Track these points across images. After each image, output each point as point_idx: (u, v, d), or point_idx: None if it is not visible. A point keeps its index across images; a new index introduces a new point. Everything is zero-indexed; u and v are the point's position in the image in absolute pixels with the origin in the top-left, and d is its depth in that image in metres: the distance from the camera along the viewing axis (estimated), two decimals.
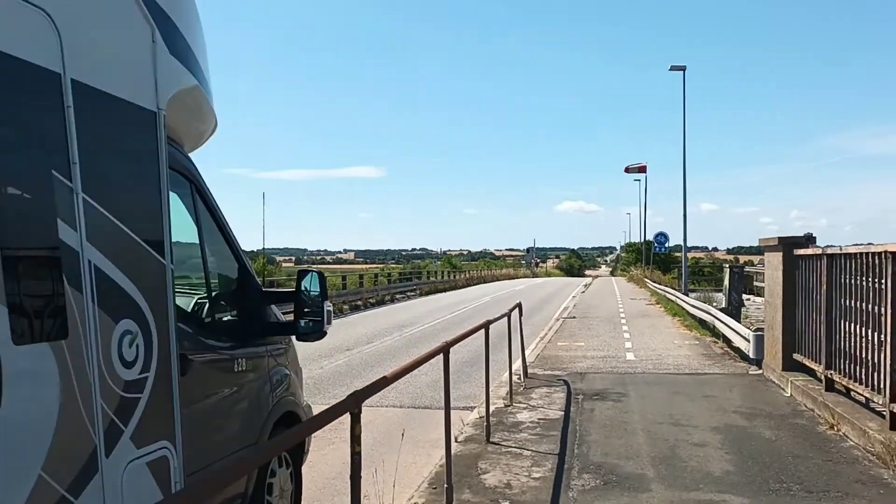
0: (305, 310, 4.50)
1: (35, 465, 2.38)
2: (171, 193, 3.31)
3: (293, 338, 4.88)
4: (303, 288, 4.52)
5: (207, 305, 4.21)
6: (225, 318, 4.48)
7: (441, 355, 5.54)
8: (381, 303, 30.70)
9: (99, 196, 2.73)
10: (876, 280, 7.30)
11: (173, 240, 3.25)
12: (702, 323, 18.45)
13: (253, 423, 4.31)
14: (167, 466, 3.13)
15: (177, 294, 3.34)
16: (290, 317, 4.59)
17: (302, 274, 4.54)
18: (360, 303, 28.39)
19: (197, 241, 4.07)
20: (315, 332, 4.52)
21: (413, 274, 47.58)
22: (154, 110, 3.16)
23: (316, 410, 3.92)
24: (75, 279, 2.58)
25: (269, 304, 4.62)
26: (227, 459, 3.87)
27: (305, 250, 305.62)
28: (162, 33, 3.23)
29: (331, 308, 4.84)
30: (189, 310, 4.16)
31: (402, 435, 7.07)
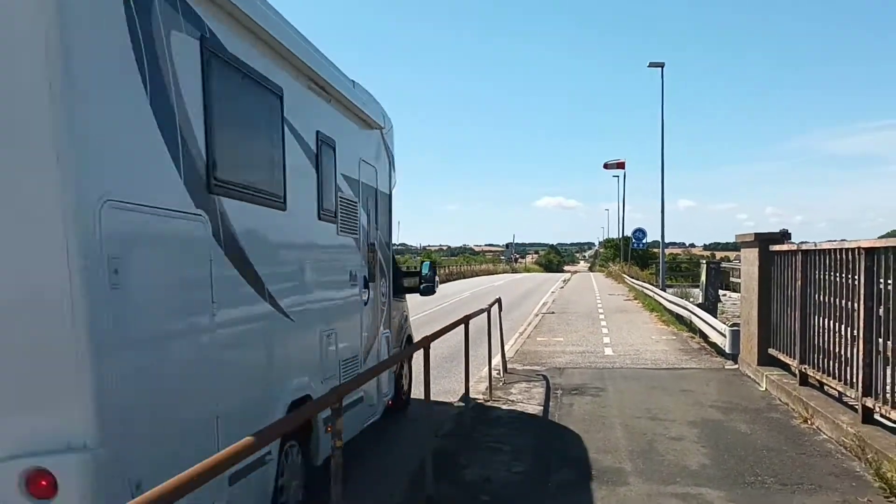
0: (425, 280, 9.14)
1: (377, 325, 7.47)
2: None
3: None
4: (424, 269, 9.30)
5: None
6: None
7: (421, 351, 5.56)
8: None
9: (385, 238, 8.00)
10: (849, 276, 7.42)
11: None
12: (679, 318, 18.63)
13: (401, 333, 8.89)
14: (389, 340, 7.91)
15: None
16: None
17: (422, 262, 10.33)
18: None
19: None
20: (431, 292, 9.33)
21: None
22: (389, 193, 8.23)
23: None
24: (384, 263, 7.83)
25: (404, 276, 9.11)
26: (395, 349, 8.27)
27: None
28: (389, 161, 8.25)
29: (438, 279, 10.11)
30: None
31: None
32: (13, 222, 2.85)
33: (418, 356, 5.84)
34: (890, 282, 6.45)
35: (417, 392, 7.93)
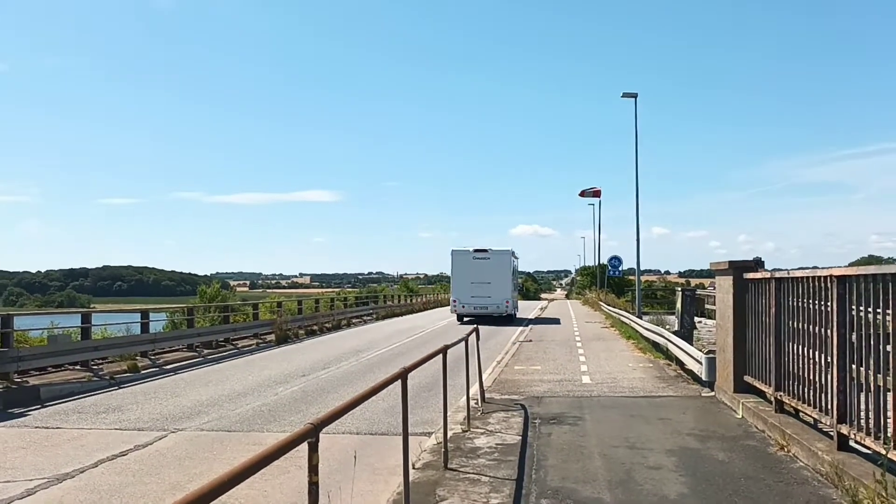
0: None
1: (516, 301, 42.08)
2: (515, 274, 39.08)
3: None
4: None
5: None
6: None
7: (399, 382, 5.52)
8: (337, 327, 30.44)
9: (516, 280, 42.01)
10: (822, 303, 7.51)
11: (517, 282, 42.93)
12: (655, 346, 18.70)
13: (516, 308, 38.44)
14: (516, 305, 39.66)
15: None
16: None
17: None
18: (316, 328, 28.10)
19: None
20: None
21: (369, 298, 47.38)
22: (517, 269, 40.92)
23: (272, 439, 3.90)
24: (517, 286, 47.99)
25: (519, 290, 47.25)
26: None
27: (260, 274, 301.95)
28: (516, 259, 39.49)
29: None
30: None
31: (355, 461, 7.00)
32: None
33: (393, 387, 5.79)
34: (862, 308, 6.54)
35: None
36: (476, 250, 33.45)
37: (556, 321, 34.82)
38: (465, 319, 33.25)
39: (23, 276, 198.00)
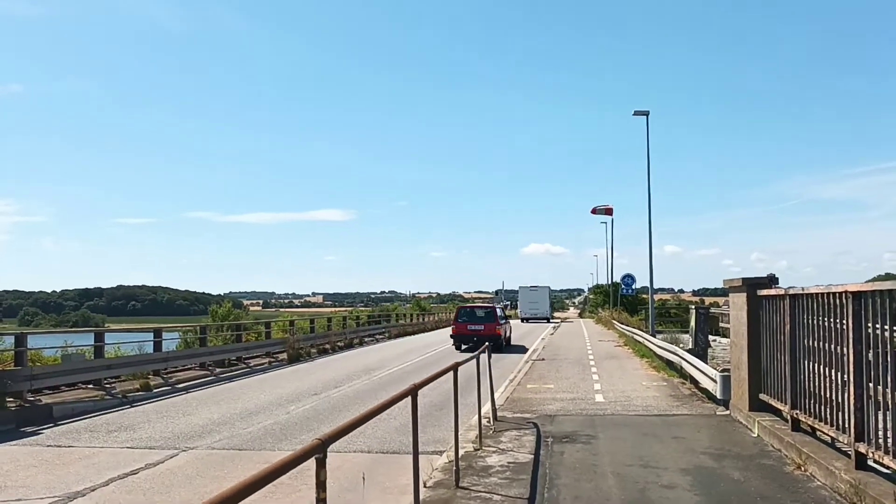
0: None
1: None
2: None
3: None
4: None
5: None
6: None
7: (409, 398, 5.49)
8: (349, 346, 30.42)
9: (549, 301, 74.94)
10: (837, 320, 7.42)
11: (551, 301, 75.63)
12: (669, 364, 18.55)
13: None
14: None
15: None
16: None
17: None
18: (328, 346, 28.09)
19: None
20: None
21: (382, 317, 47.31)
22: (551, 293, 76.95)
23: (281, 457, 3.91)
24: (552, 304, 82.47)
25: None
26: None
27: (273, 293, 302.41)
28: (549, 289, 71.80)
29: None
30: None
31: (364, 480, 6.96)
32: None
33: (405, 405, 5.75)
34: (878, 325, 6.46)
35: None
36: (531, 287, 67.28)
37: (568, 340, 34.61)
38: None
39: (38, 295, 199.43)
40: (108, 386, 15.66)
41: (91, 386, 15.41)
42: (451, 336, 28.40)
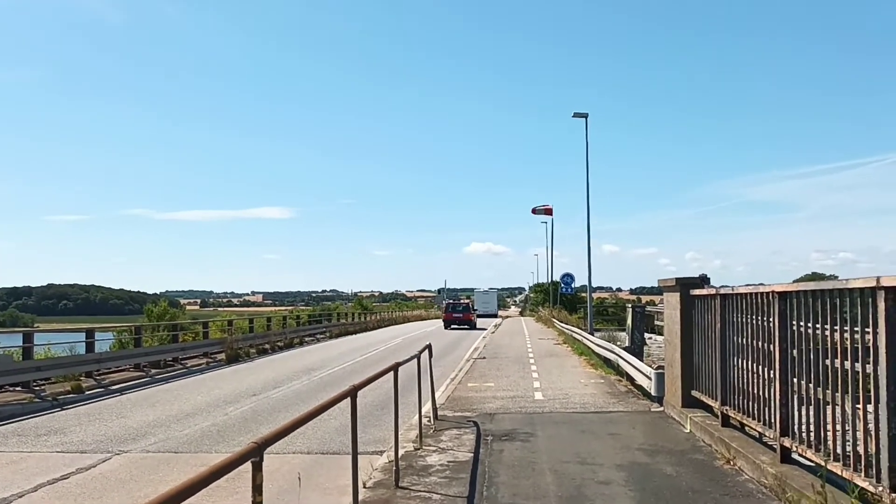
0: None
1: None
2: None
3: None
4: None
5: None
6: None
7: (349, 399, 5.48)
8: (289, 346, 30.06)
9: (496, 301, 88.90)
10: (765, 318, 7.70)
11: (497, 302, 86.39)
12: (607, 362, 18.90)
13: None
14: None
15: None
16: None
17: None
18: (267, 346, 27.71)
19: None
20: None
21: (323, 316, 46.88)
22: (498, 295, 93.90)
23: (220, 460, 3.87)
24: (498, 304, 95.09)
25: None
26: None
27: (211, 292, 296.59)
28: (497, 293, 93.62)
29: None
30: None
31: (300, 481, 6.92)
32: None
33: (346, 405, 5.75)
34: (802, 323, 6.73)
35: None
36: (484, 291, 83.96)
37: (508, 338, 34.94)
38: (416, 338, 33.35)
39: None
40: (37, 388, 15.16)
41: (19, 388, 14.89)
42: (443, 321, 47.92)
